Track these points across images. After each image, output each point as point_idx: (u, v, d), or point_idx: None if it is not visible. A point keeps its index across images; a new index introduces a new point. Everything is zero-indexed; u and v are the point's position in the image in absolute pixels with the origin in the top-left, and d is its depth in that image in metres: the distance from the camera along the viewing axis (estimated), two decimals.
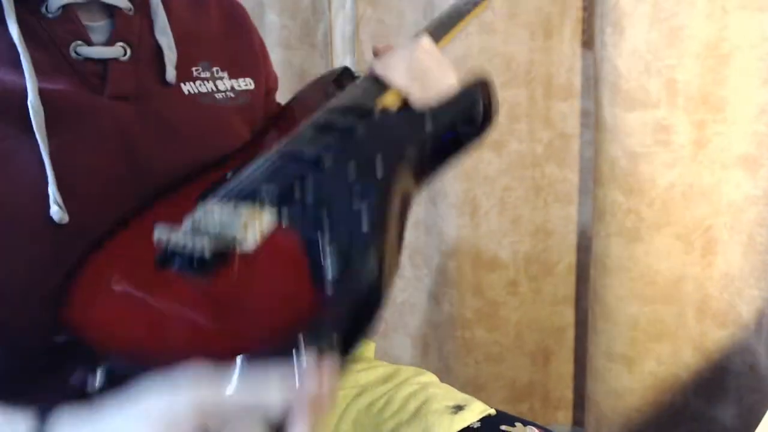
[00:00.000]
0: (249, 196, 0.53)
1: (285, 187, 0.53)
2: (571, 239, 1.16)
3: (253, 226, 0.50)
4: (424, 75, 0.63)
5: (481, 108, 0.61)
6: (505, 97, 1.11)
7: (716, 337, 1.01)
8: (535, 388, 1.25)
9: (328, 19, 1.16)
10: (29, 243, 0.54)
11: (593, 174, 1.06)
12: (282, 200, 0.53)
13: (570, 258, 1.17)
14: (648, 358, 1.05)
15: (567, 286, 1.19)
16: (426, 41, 0.66)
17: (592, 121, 1.07)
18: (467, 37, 1.09)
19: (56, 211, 0.53)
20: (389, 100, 0.62)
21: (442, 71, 0.65)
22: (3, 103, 0.53)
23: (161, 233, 0.50)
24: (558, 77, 1.07)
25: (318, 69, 1.18)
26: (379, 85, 0.63)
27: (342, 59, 1.16)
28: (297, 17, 1.17)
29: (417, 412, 0.61)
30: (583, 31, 1.05)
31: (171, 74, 0.62)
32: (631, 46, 0.92)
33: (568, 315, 1.20)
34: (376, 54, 0.69)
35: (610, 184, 1.00)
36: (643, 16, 0.90)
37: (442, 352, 1.28)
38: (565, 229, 1.16)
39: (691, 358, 1.04)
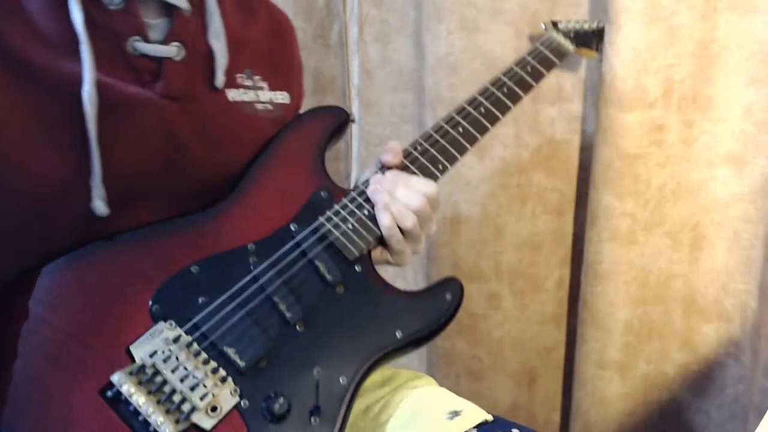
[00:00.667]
0: (220, 356, 0.53)
1: (254, 359, 0.54)
2: (561, 253, 1.13)
3: (215, 410, 0.51)
4: (414, 229, 0.63)
5: (450, 317, 0.63)
6: None
7: (702, 331, 1.04)
8: (518, 409, 1.21)
9: (343, 20, 1.10)
10: (65, 233, 0.55)
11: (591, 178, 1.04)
12: (248, 376, 0.53)
13: (560, 273, 1.13)
14: (639, 360, 1.05)
15: (556, 304, 1.15)
16: (433, 188, 0.65)
17: (583, 126, 1.05)
18: (448, 35, 1.02)
19: (99, 205, 0.54)
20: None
21: (432, 222, 0.65)
22: (57, 89, 0.53)
23: (120, 380, 0.49)
24: (547, 79, 1.03)
25: (332, 70, 1.15)
26: (372, 227, 0.63)
27: (353, 60, 1.13)
28: (312, 19, 1.11)
29: (413, 418, 0.61)
30: None
31: (220, 80, 0.62)
32: (629, 44, 0.91)
33: (556, 334, 1.17)
34: (384, 165, 0.67)
35: (603, 188, 0.98)
36: (641, 13, 0.89)
37: (431, 361, 1.20)
38: (555, 242, 1.12)
39: (678, 354, 1.06)
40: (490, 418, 0.60)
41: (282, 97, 0.68)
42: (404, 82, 1.09)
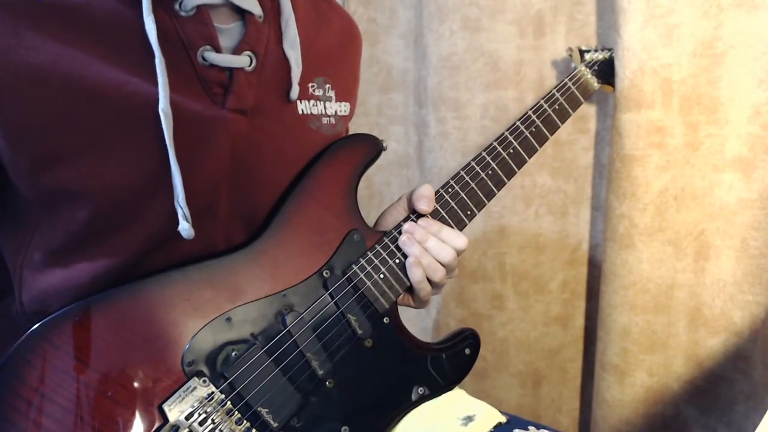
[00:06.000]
0: (254, 416, 0.54)
1: (287, 419, 0.55)
2: (565, 255, 1.12)
3: None
4: (442, 281, 0.65)
5: (468, 371, 0.66)
6: (491, 99, 1.07)
7: (709, 344, 0.99)
8: (523, 410, 1.20)
9: None
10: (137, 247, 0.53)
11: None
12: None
13: (564, 275, 1.12)
14: (639, 369, 1.02)
15: (560, 305, 1.14)
16: (464, 243, 0.65)
17: (587, 126, 1.04)
18: (451, 35, 1.04)
19: (186, 228, 0.51)
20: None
21: (456, 270, 0.66)
22: (129, 108, 0.49)
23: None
24: (551, 79, 1.03)
25: None
26: (403, 278, 0.64)
27: None
28: None
29: (428, 427, 0.61)
30: None
31: (295, 92, 0.58)
32: (624, 44, 0.89)
33: (561, 336, 1.16)
34: (416, 211, 0.66)
35: (604, 188, 0.97)
36: (637, 12, 0.87)
37: None
38: (559, 243, 1.11)
39: (683, 368, 1.02)
40: (503, 419, 0.60)
41: (344, 108, 0.65)
42: (393, 82, 1.09)
